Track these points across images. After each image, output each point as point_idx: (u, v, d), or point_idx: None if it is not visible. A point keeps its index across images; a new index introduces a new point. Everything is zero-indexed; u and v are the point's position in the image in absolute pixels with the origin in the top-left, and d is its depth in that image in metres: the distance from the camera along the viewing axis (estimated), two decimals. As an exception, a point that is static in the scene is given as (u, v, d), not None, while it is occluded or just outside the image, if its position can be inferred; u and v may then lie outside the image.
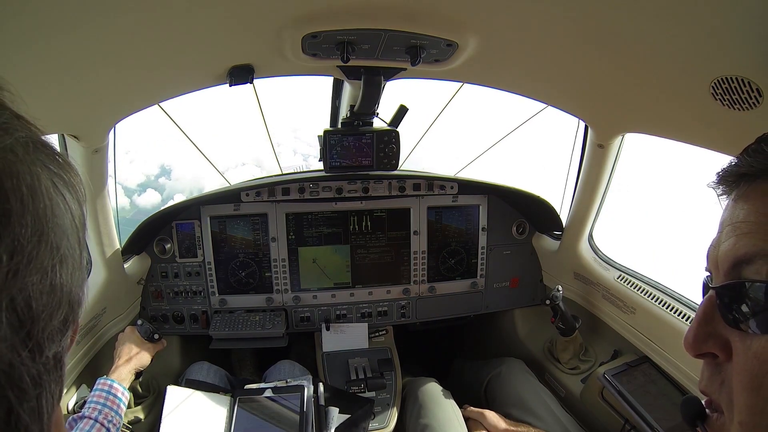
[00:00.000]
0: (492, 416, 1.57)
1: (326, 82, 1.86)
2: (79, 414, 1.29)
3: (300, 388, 1.63)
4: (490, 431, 1.55)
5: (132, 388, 1.57)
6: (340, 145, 1.77)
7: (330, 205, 1.97)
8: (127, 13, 0.84)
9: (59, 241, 0.31)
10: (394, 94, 1.65)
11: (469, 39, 1.10)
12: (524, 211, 2.14)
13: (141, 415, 1.60)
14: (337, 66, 1.35)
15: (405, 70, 1.38)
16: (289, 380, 1.71)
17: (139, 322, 1.60)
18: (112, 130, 1.40)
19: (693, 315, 1.42)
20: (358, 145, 1.78)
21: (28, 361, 0.28)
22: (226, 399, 1.61)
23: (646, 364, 1.57)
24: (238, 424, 1.52)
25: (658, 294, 1.55)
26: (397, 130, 1.79)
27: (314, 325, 2.03)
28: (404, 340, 2.16)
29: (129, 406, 1.55)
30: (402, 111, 1.74)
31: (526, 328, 2.22)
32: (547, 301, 1.77)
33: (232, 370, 2.22)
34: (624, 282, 1.70)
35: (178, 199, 2.05)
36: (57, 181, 0.33)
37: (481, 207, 2.08)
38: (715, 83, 0.90)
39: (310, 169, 2.19)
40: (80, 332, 1.48)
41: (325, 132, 1.76)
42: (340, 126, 1.83)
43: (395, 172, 1.91)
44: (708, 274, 0.47)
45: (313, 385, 1.69)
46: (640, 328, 1.62)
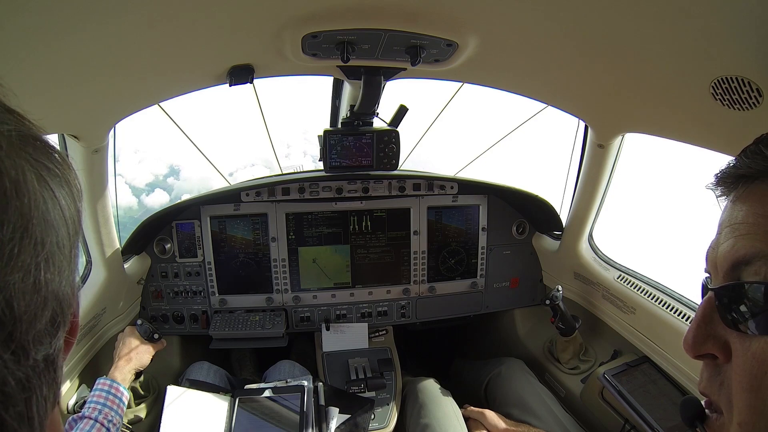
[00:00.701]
0: (492, 416, 1.57)
1: (326, 82, 1.86)
2: (79, 414, 1.29)
3: (300, 388, 1.63)
4: (491, 431, 1.55)
5: (132, 388, 1.57)
6: (340, 145, 1.77)
7: (330, 205, 1.97)
8: (127, 13, 0.84)
9: (45, 237, 0.30)
10: (394, 94, 1.65)
11: (469, 39, 1.10)
12: (524, 211, 2.14)
13: (141, 415, 1.60)
14: (337, 66, 1.35)
15: (405, 70, 1.38)
16: (289, 380, 1.71)
17: (139, 322, 1.60)
18: (112, 130, 1.40)
19: (693, 315, 1.42)
20: (358, 145, 1.78)
21: (12, 364, 0.27)
22: (226, 399, 1.61)
23: (646, 364, 1.57)
24: (238, 424, 1.52)
25: (658, 294, 1.55)
26: (397, 130, 1.79)
27: (314, 325, 2.03)
28: (404, 340, 2.16)
29: (129, 406, 1.55)
30: (402, 111, 1.74)
31: (526, 328, 2.22)
32: (547, 301, 1.77)
33: (232, 370, 2.22)
34: (624, 282, 1.70)
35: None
36: (47, 176, 0.32)
37: (481, 207, 2.08)
38: (715, 83, 0.90)
39: (310, 169, 2.19)
40: (80, 332, 1.48)
41: (325, 132, 1.76)
42: (340, 126, 1.83)
43: (395, 172, 1.91)
44: (707, 275, 0.47)
45: (313, 385, 1.69)
46: (640, 328, 1.62)
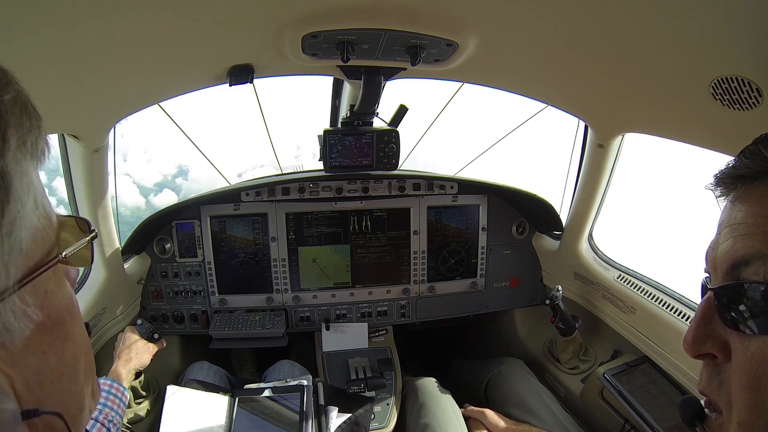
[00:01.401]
0: (492, 415, 1.57)
1: (326, 82, 1.86)
2: None
3: (300, 388, 1.63)
4: (491, 430, 1.55)
5: (132, 388, 1.57)
6: (340, 145, 1.77)
7: (330, 205, 1.97)
8: (126, 13, 0.84)
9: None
10: (394, 94, 1.65)
11: (469, 39, 1.10)
12: (524, 211, 2.14)
13: (141, 415, 1.60)
14: (337, 66, 1.35)
15: (405, 69, 1.38)
16: (288, 380, 1.71)
17: (139, 322, 1.60)
18: (113, 130, 1.40)
19: (693, 315, 1.42)
20: (358, 144, 1.78)
21: None
22: (226, 399, 1.61)
23: (646, 364, 1.57)
24: (238, 424, 1.52)
25: (658, 294, 1.55)
26: (397, 129, 1.79)
27: (314, 325, 2.03)
28: (404, 339, 2.16)
29: (129, 406, 1.56)
30: (402, 111, 1.74)
31: (526, 327, 2.22)
32: (547, 301, 1.77)
33: (232, 370, 2.22)
34: (624, 282, 1.70)
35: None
36: None
37: (481, 207, 2.08)
38: (715, 83, 0.90)
39: (310, 169, 2.19)
40: None
41: (325, 132, 1.76)
42: (340, 126, 1.83)
43: (395, 172, 1.91)
44: (706, 275, 0.47)
45: (313, 384, 1.69)
46: (640, 327, 1.62)
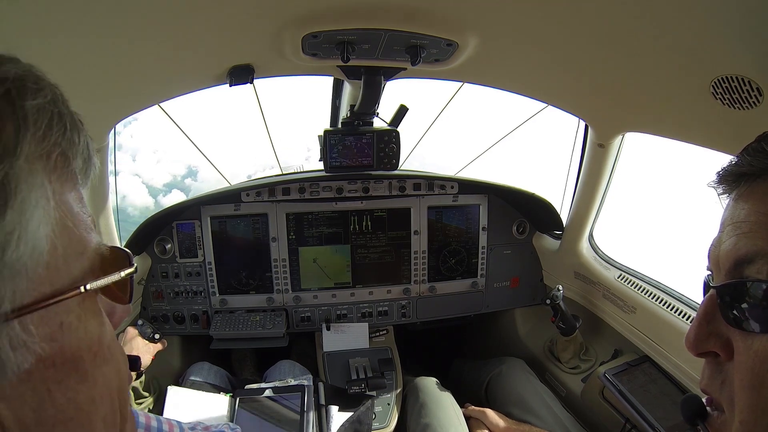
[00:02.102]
0: (493, 415, 1.57)
1: (326, 82, 1.86)
2: None
3: (300, 388, 1.63)
4: (492, 430, 1.55)
5: (133, 389, 1.57)
6: (341, 145, 1.77)
7: (330, 205, 1.97)
8: (126, 13, 0.84)
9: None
10: (394, 94, 1.65)
11: (469, 39, 1.10)
12: (524, 211, 2.14)
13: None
14: (337, 66, 1.35)
15: (405, 69, 1.38)
16: (289, 380, 1.71)
17: (140, 323, 1.60)
18: (113, 130, 1.40)
19: (694, 314, 1.42)
20: (359, 144, 1.78)
21: None
22: (227, 399, 1.61)
23: (647, 364, 1.57)
24: (238, 424, 1.52)
25: (659, 293, 1.55)
26: (398, 129, 1.79)
27: (315, 325, 2.03)
28: (405, 339, 2.16)
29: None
30: (402, 111, 1.74)
31: (527, 327, 2.22)
32: (548, 301, 1.77)
33: (233, 370, 2.22)
34: (624, 281, 1.70)
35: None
36: None
37: (481, 206, 2.08)
38: (715, 82, 0.90)
39: (311, 169, 2.19)
40: None
41: (325, 132, 1.76)
42: (340, 126, 1.83)
43: (395, 172, 1.91)
44: (709, 272, 0.47)
45: (314, 384, 1.69)
46: (640, 327, 1.62)
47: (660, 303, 1.53)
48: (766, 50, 0.77)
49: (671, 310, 1.48)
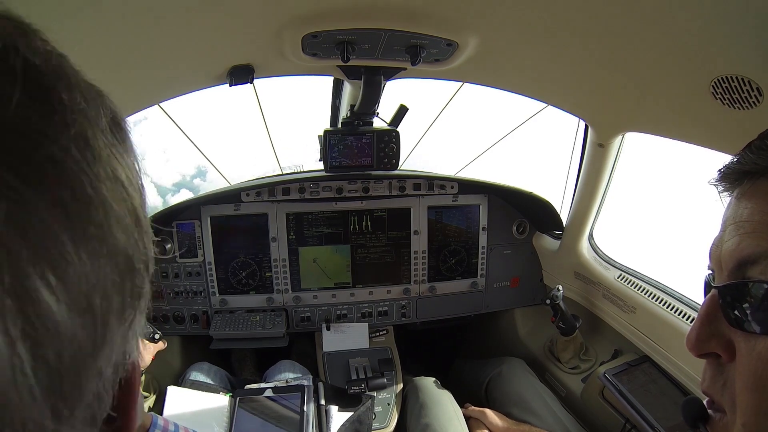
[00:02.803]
0: (493, 415, 1.57)
1: (326, 82, 1.86)
2: None
3: (300, 388, 1.63)
4: (491, 430, 1.55)
5: (133, 389, 1.57)
6: (341, 145, 1.77)
7: (330, 205, 1.97)
8: (126, 13, 0.84)
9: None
10: (394, 94, 1.65)
11: (469, 39, 1.10)
12: (524, 211, 2.14)
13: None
14: (337, 66, 1.35)
15: (405, 69, 1.38)
16: (289, 380, 1.71)
17: None
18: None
19: (694, 314, 1.42)
20: (359, 144, 1.78)
21: None
22: (227, 399, 1.61)
23: (647, 364, 1.57)
24: (238, 425, 1.52)
25: (659, 293, 1.55)
26: (397, 129, 1.79)
27: (315, 325, 2.03)
28: (405, 339, 2.16)
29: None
30: (402, 111, 1.74)
31: (527, 327, 2.22)
32: (548, 301, 1.77)
33: (233, 370, 2.22)
34: (624, 281, 1.70)
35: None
36: (115, 152, 0.26)
37: (481, 206, 2.08)
38: (715, 82, 0.90)
39: (311, 169, 2.19)
40: None
41: (325, 132, 1.76)
42: (340, 126, 1.83)
43: (395, 172, 1.91)
44: (710, 272, 0.46)
45: (314, 384, 1.69)
46: (640, 327, 1.62)
47: (660, 303, 1.53)
48: (766, 50, 0.77)
49: (671, 310, 1.48)
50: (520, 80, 1.44)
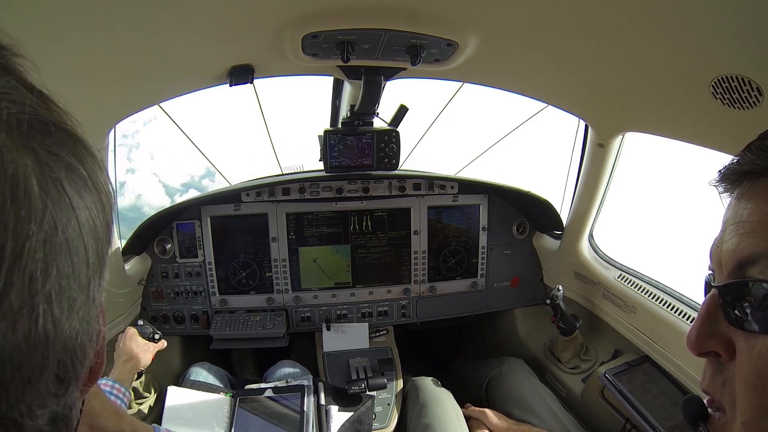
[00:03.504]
0: (493, 415, 1.57)
1: (326, 82, 1.86)
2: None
3: (300, 388, 1.63)
4: (492, 430, 1.55)
5: (133, 389, 1.57)
6: (341, 145, 1.77)
7: (330, 205, 1.97)
8: (126, 14, 0.84)
9: (49, 265, 0.23)
10: (394, 94, 1.65)
11: (469, 39, 1.10)
12: (525, 211, 2.14)
13: (142, 416, 1.60)
14: (337, 66, 1.35)
15: (405, 69, 1.38)
16: (289, 380, 1.72)
17: (140, 322, 1.60)
18: (112, 131, 1.40)
19: (694, 314, 1.42)
20: (359, 144, 1.78)
21: None
22: (227, 399, 1.61)
23: (647, 364, 1.57)
24: (238, 425, 1.52)
25: (659, 293, 1.55)
26: (398, 129, 1.79)
27: (315, 325, 2.03)
28: (405, 339, 2.16)
29: (129, 407, 1.56)
30: (402, 111, 1.74)
31: (527, 327, 2.22)
32: (548, 301, 1.77)
33: (233, 370, 2.22)
34: (624, 281, 1.70)
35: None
36: (65, 178, 0.25)
37: (481, 206, 2.08)
38: (715, 82, 0.90)
39: (311, 169, 2.19)
40: None
41: (325, 132, 1.76)
42: (340, 126, 1.83)
43: (395, 172, 1.91)
44: (710, 272, 0.47)
45: (314, 385, 1.69)
46: (640, 327, 1.62)
47: (660, 303, 1.53)
48: (766, 50, 0.77)
49: (671, 310, 1.48)
50: (521, 80, 1.44)
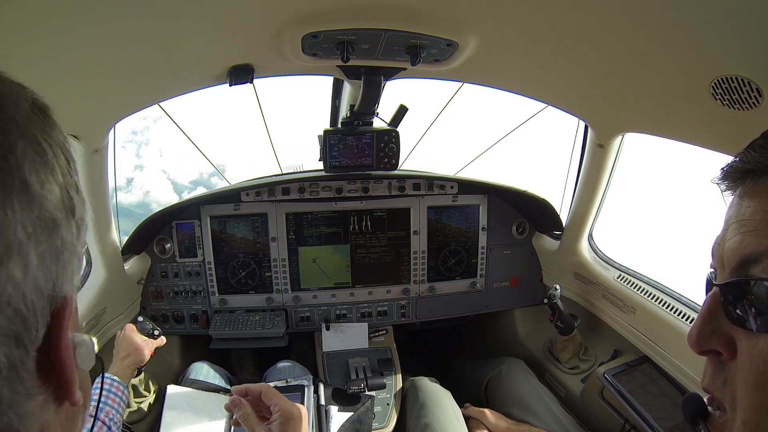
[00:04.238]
0: (492, 415, 1.57)
1: (326, 82, 1.86)
2: None
3: (300, 388, 1.63)
4: (491, 430, 1.55)
5: (133, 387, 1.57)
6: (341, 145, 1.77)
7: (330, 205, 1.97)
8: (126, 13, 0.84)
9: None
10: (394, 94, 1.65)
11: (469, 39, 1.10)
12: (524, 211, 2.14)
13: (141, 415, 1.60)
14: (337, 66, 1.35)
15: (405, 69, 1.38)
16: (289, 380, 1.71)
17: (140, 319, 1.60)
18: (112, 130, 1.40)
19: (693, 315, 1.42)
20: (358, 144, 1.78)
21: None
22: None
23: (646, 364, 1.57)
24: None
25: (658, 294, 1.55)
26: (397, 129, 1.79)
27: (314, 325, 2.03)
28: (404, 339, 2.16)
29: (129, 405, 1.55)
30: (402, 111, 1.74)
31: (526, 327, 2.22)
32: (545, 300, 1.78)
33: (233, 370, 2.22)
34: (624, 282, 1.70)
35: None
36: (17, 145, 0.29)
37: (481, 207, 2.08)
38: (715, 83, 0.90)
39: (310, 169, 2.19)
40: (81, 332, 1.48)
41: (325, 132, 1.76)
42: (340, 126, 1.83)
43: (395, 172, 1.91)
44: (712, 270, 0.46)
45: (314, 384, 1.69)
46: (640, 327, 1.62)
47: (659, 303, 1.53)
48: (766, 50, 0.77)
49: (671, 310, 1.48)
50: (520, 80, 1.44)
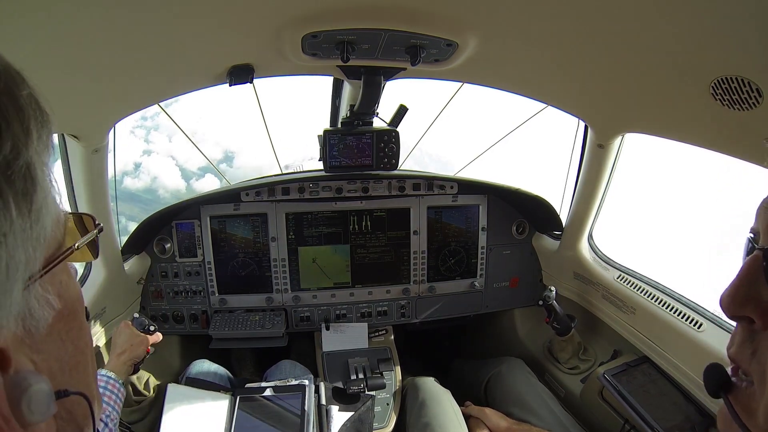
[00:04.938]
0: (492, 414, 1.57)
1: (326, 82, 1.86)
2: None
3: (301, 388, 1.63)
4: (491, 429, 1.55)
5: (132, 387, 1.57)
6: (341, 145, 1.77)
7: (330, 205, 1.97)
8: (126, 13, 0.84)
9: None
10: (394, 94, 1.65)
11: (469, 39, 1.10)
12: (524, 211, 2.14)
13: (141, 414, 1.60)
14: (337, 66, 1.35)
15: (405, 69, 1.38)
16: (290, 380, 1.71)
17: (136, 315, 1.59)
18: (112, 130, 1.40)
19: (694, 315, 1.42)
20: (358, 144, 1.78)
21: None
22: (227, 398, 1.61)
23: (646, 364, 1.57)
24: (238, 424, 1.52)
25: (658, 294, 1.55)
26: (397, 129, 1.79)
27: (314, 325, 2.03)
28: (404, 339, 2.16)
29: (129, 405, 1.55)
30: (402, 111, 1.74)
31: (526, 327, 2.22)
32: (540, 302, 1.78)
33: (233, 369, 2.22)
34: (624, 282, 1.70)
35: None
36: None
37: (480, 207, 2.08)
38: (715, 83, 0.90)
39: (310, 169, 2.19)
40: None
41: (325, 132, 1.76)
42: (340, 126, 1.83)
43: (395, 172, 1.91)
44: (752, 234, 0.43)
45: (314, 384, 1.69)
46: (639, 328, 1.62)
47: (659, 304, 1.53)
48: (766, 51, 0.77)
49: (671, 310, 1.48)
50: (520, 80, 1.44)
